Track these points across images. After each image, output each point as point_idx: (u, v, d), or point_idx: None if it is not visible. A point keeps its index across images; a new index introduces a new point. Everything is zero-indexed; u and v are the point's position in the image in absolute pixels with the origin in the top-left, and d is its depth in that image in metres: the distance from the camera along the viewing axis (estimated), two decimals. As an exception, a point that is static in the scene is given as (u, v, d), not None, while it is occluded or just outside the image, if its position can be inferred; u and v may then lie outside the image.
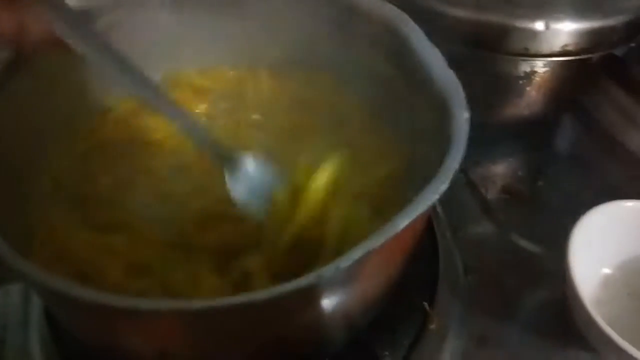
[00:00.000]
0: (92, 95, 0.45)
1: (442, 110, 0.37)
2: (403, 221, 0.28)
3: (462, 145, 0.32)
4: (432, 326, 0.42)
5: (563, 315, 0.43)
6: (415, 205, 0.29)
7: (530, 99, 0.53)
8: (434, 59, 0.39)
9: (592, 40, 0.49)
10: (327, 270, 0.26)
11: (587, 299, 0.38)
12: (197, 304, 0.26)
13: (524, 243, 0.49)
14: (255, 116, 0.49)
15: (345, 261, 0.27)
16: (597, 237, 0.43)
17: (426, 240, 0.46)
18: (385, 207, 0.40)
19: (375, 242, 0.28)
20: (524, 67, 0.50)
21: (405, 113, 0.43)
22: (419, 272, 0.43)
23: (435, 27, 0.41)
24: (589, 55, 0.50)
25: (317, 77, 0.48)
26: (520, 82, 0.51)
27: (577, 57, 0.50)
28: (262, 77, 0.50)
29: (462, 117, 0.34)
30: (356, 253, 0.27)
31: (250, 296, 0.26)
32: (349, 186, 0.41)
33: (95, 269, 0.36)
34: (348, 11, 0.45)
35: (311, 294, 0.29)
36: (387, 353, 0.39)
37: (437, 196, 0.29)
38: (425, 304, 0.43)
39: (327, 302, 0.31)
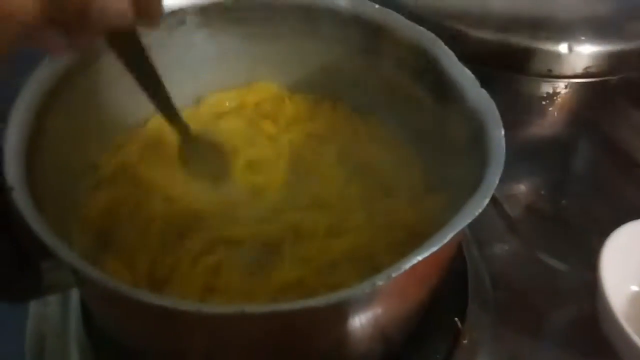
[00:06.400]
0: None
1: (475, 129, 0.38)
2: (448, 234, 0.29)
3: (501, 160, 0.33)
4: (465, 341, 0.42)
5: (592, 331, 0.43)
6: (459, 219, 0.30)
7: (552, 119, 0.55)
8: (465, 79, 0.40)
9: (613, 63, 0.50)
10: (380, 278, 0.27)
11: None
12: (257, 308, 0.27)
13: (549, 260, 0.50)
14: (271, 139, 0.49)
15: (395, 270, 0.27)
16: (625, 255, 0.43)
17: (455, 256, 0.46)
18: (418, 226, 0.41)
19: (420, 254, 0.28)
20: (547, 88, 0.51)
21: (433, 133, 0.44)
22: (448, 288, 0.44)
23: (461, 48, 0.42)
24: (609, 78, 0.51)
25: (344, 98, 0.49)
26: (543, 102, 0.53)
27: (598, 79, 0.51)
28: (288, 98, 0.51)
29: (498, 134, 0.35)
30: (404, 264, 0.28)
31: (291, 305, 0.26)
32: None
33: None
34: (376, 32, 0.46)
35: (363, 301, 0.30)
36: (422, 368, 0.39)
37: (480, 209, 0.30)
38: (457, 319, 0.43)
39: (369, 315, 0.32)
